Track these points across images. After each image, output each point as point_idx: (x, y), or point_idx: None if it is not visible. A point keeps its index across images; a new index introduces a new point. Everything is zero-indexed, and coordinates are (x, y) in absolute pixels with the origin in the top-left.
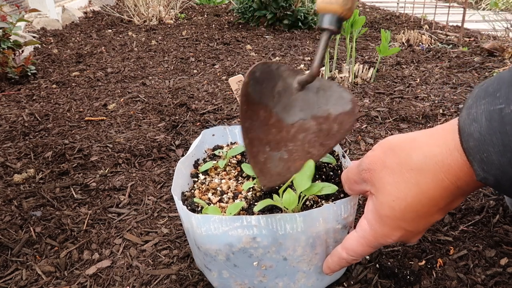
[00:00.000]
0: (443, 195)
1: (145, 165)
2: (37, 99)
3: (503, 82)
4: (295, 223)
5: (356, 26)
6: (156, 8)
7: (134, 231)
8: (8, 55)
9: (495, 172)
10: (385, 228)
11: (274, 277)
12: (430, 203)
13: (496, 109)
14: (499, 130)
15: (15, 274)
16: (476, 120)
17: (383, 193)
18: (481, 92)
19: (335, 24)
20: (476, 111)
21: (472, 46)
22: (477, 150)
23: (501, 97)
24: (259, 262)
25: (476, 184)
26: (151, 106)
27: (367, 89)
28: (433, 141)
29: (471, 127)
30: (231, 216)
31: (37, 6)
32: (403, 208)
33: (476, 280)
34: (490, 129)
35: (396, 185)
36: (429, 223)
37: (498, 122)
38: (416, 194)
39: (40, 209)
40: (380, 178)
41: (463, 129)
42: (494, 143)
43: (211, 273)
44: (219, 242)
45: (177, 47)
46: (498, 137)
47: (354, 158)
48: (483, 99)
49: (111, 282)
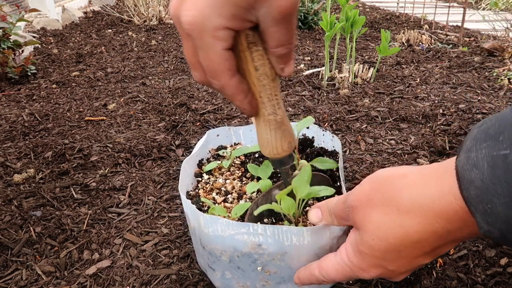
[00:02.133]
0: (429, 240)
1: (145, 165)
2: (37, 99)
3: (505, 123)
4: (302, 236)
5: (356, 26)
6: (156, 8)
7: (134, 231)
8: (8, 55)
9: (501, 225)
10: (363, 263)
11: (277, 282)
12: (415, 246)
13: (500, 154)
14: (505, 179)
15: (15, 274)
16: (477, 166)
17: (364, 231)
18: (480, 134)
19: (290, 161)
20: (477, 155)
21: (472, 46)
22: (480, 200)
23: (504, 141)
24: (263, 268)
25: (470, 231)
26: (151, 106)
27: (367, 89)
28: (425, 181)
29: (472, 174)
30: (238, 222)
31: (37, 6)
32: (383, 249)
33: (476, 280)
34: (494, 177)
35: (378, 224)
36: (412, 265)
37: (503, 170)
38: (399, 236)
39: (40, 209)
40: (364, 215)
41: (462, 175)
42: (499, 193)
43: (214, 273)
44: (225, 244)
45: (177, 47)
46: (503, 186)
47: (354, 158)
48: (483, 142)
49: (111, 282)
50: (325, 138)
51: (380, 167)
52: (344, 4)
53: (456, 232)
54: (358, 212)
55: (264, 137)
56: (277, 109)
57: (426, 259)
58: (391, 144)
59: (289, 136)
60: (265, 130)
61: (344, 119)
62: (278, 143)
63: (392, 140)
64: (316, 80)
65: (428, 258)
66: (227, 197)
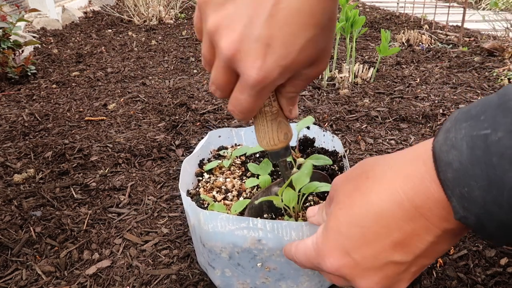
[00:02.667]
0: (395, 214)
1: (145, 165)
2: (37, 99)
3: (488, 104)
4: (301, 231)
5: (356, 26)
6: (156, 8)
7: (134, 231)
8: (8, 55)
9: (478, 211)
10: (327, 244)
11: (277, 279)
12: (379, 222)
13: (480, 134)
14: (484, 160)
15: (15, 274)
16: (455, 146)
17: (336, 202)
18: (461, 115)
19: (287, 154)
20: (456, 135)
21: (472, 46)
22: (457, 183)
23: (486, 121)
24: (263, 264)
25: (443, 216)
26: (151, 106)
27: (367, 89)
28: (402, 158)
29: (449, 155)
30: (238, 216)
31: (37, 6)
32: (348, 220)
33: (476, 280)
34: (473, 158)
35: (348, 192)
36: (379, 260)
37: (483, 151)
38: (364, 204)
39: (40, 209)
40: (340, 188)
41: (439, 157)
42: (478, 176)
43: (214, 271)
44: (225, 240)
45: (177, 47)
46: (482, 168)
47: (354, 158)
48: (464, 122)
49: (111, 282)
50: (326, 138)
51: None
52: (344, 4)
53: (425, 211)
54: (337, 187)
55: (260, 129)
56: (272, 101)
57: (395, 255)
58: (391, 144)
59: (285, 127)
60: (261, 121)
61: (344, 119)
62: (275, 134)
63: (392, 140)
64: (316, 80)
65: (399, 254)
66: (227, 195)
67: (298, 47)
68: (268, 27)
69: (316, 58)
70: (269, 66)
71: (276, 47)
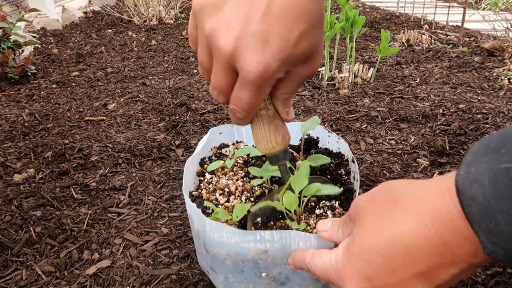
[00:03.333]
0: (423, 247)
1: (145, 165)
2: (37, 99)
3: (507, 136)
4: (309, 242)
5: (356, 26)
6: (156, 8)
7: (134, 231)
8: (8, 55)
9: (506, 245)
10: (349, 269)
11: (280, 283)
12: (406, 254)
13: (501, 168)
14: (508, 194)
15: (15, 274)
16: (478, 181)
17: (359, 226)
18: (481, 148)
19: (286, 157)
20: (477, 169)
21: (472, 46)
22: (482, 218)
23: (506, 154)
24: (268, 273)
25: (470, 250)
26: (151, 106)
27: (367, 89)
28: (429, 190)
29: (472, 189)
30: (245, 231)
31: (37, 6)
32: (374, 248)
33: (476, 280)
34: (496, 192)
35: (374, 219)
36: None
37: (505, 185)
38: (391, 234)
39: (40, 209)
40: (363, 211)
41: (462, 191)
42: (502, 210)
43: (217, 276)
44: (230, 250)
45: (177, 47)
46: (506, 202)
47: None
48: (484, 155)
49: (111, 282)
50: (330, 139)
51: (380, 167)
52: (344, 4)
53: (454, 247)
54: (359, 209)
55: (258, 132)
56: (268, 104)
57: (417, 284)
58: (391, 144)
59: (282, 130)
60: (258, 125)
61: (344, 119)
62: (272, 137)
63: (392, 140)
64: (316, 80)
65: (421, 284)
66: (230, 198)
67: (293, 41)
68: (264, 23)
69: (310, 54)
70: (268, 60)
71: (273, 41)
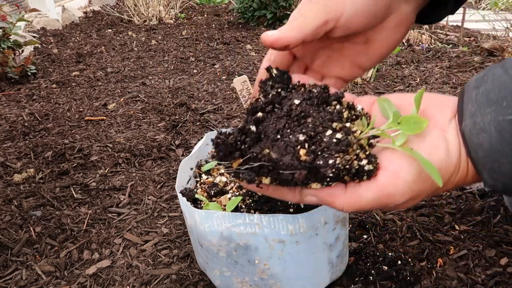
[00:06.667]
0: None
1: (145, 165)
2: (37, 99)
3: (505, 88)
4: (298, 224)
5: None
6: (156, 8)
7: (134, 231)
8: (8, 55)
9: (505, 179)
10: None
11: (274, 273)
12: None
13: (506, 119)
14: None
15: (15, 274)
16: (485, 130)
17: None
18: (482, 98)
19: None
20: (483, 120)
21: (472, 46)
22: (488, 160)
23: (509, 107)
24: (261, 260)
25: (463, 182)
26: (151, 106)
27: (367, 89)
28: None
29: (480, 137)
30: (234, 213)
31: (37, 6)
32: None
33: (476, 280)
34: (502, 140)
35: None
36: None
37: (510, 134)
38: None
39: (40, 209)
40: None
41: (469, 139)
42: (507, 153)
43: (213, 271)
44: (222, 238)
45: (177, 47)
46: (511, 147)
47: None
48: (487, 107)
49: (111, 282)
50: None
51: None
52: None
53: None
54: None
55: None
56: None
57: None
58: None
59: None
60: None
61: None
62: None
63: None
64: None
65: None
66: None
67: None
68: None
69: None
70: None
71: None
